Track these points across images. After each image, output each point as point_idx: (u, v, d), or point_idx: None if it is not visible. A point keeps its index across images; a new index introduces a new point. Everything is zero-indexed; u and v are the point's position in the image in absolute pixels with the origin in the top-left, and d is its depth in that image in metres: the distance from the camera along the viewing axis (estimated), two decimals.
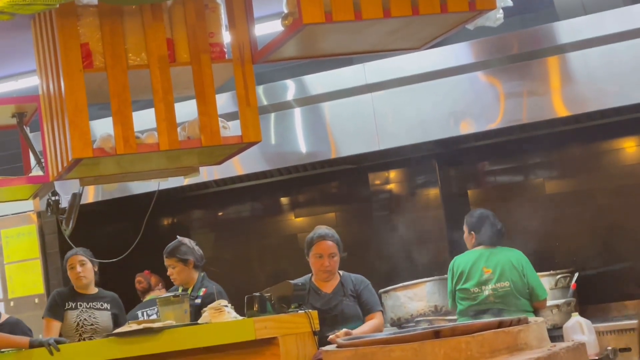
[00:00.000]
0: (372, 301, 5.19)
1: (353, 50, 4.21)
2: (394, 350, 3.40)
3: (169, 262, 5.86)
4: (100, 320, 5.76)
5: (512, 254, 5.68)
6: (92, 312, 5.78)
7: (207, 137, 4.12)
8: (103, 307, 5.85)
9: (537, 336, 3.59)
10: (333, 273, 5.19)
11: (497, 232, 5.75)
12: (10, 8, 3.14)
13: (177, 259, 5.86)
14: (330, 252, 5.14)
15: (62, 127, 4.10)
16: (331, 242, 5.17)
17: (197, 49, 4.12)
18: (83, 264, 5.86)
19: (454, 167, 6.88)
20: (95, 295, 5.88)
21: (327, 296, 5.15)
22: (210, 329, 4.07)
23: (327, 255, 5.14)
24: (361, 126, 6.42)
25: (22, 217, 7.47)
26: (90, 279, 5.89)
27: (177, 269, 5.83)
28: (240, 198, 7.71)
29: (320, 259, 5.15)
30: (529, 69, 6.08)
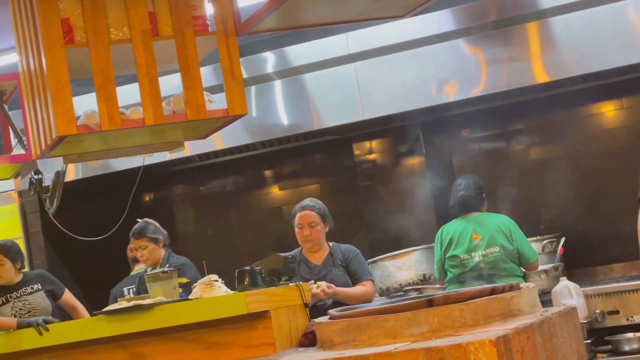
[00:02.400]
0: (361, 270, 5.22)
1: (337, 20, 4.17)
2: (388, 320, 3.41)
3: (140, 243, 5.84)
4: (35, 304, 5.67)
5: (500, 220, 5.70)
6: (24, 298, 5.68)
7: (192, 111, 4.07)
8: (34, 289, 5.74)
9: (529, 302, 3.61)
10: (317, 243, 5.20)
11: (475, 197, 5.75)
12: None
13: (148, 238, 5.87)
14: (310, 221, 5.17)
15: (45, 104, 4.04)
16: (312, 211, 5.18)
17: (180, 22, 4.06)
18: (1, 264, 5.69)
19: (438, 135, 6.88)
20: (21, 282, 5.73)
21: (317, 268, 5.16)
22: (201, 304, 4.05)
23: (307, 225, 5.16)
24: (344, 96, 6.40)
25: (3, 196, 7.41)
26: (8, 277, 5.73)
27: (148, 249, 5.83)
28: (224, 172, 7.69)
29: (302, 229, 5.18)
30: (511, 35, 6.07)
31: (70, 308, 5.84)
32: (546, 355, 3.36)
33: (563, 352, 3.54)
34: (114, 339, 4.21)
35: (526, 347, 3.19)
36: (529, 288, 3.68)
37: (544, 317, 3.48)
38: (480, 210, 5.79)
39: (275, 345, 3.98)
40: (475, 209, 5.76)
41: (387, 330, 3.38)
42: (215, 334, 4.05)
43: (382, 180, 6.98)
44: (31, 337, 4.36)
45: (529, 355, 3.20)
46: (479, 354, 3.01)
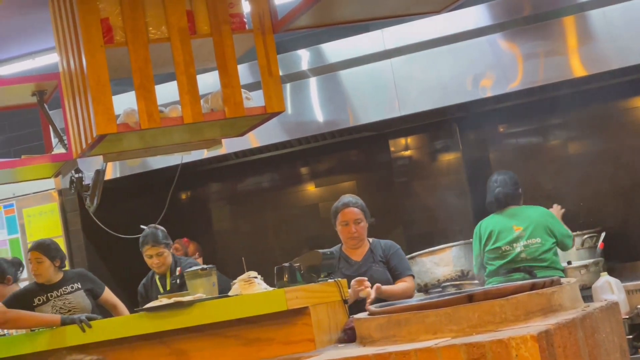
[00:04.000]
0: (402, 266, 5.18)
1: (375, 16, 4.18)
2: (428, 315, 3.40)
3: (157, 250, 5.74)
4: (75, 303, 5.71)
5: (539, 211, 5.70)
6: (64, 297, 5.71)
7: (230, 108, 4.10)
8: (74, 289, 5.76)
9: (570, 297, 3.59)
10: (361, 239, 5.18)
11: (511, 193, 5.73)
12: None
13: (164, 245, 5.78)
14: (355, 218, 5.13)
15: (85, 103, 4.08)
16: (355, 208, 5.15)
17: (217, 20, 4.09)
18: (39, 262, 5.73)
19: (474, 131, 6.84)
20: (61, 281, 5.76)
21: (357, 264, 5.15)
22: (241, 300, 4.07)
23: (352, 222, 5.13)
24: (380, 93, 6.39)
25: (43, 195, 7.48)
26: (47, 276, 5.77)
27: (164, 255, 5.76)
28: (260, 169, 7.71)
29: (347, 226, 5.14)
30: (547, 29, 6.03)
31: (110, 306, 5.89)
32: (588, 351, 3.34)
33: (605, 348, 3.52)
34: (155, 335, 4.25)
35: (568, 343, 3.18)
36: (570, 283, 3.66)
37: (586, 313, 3.46)
38: (517, 203, 5.77)
39: (314, 341, 3.99)
40: (513, 204, 5.74)
41: (428, 325, 3.38)
42: (255, 330, 4.08)
43: (418, 176, 6.96)
44: (74, 333, 4.41)
45: (571, 351, 3.18)
46: (520, 349, 3.00)
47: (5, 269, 5.99)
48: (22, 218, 7.53)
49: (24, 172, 5.20)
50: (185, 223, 6.58)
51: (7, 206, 7.57)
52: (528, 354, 2.99)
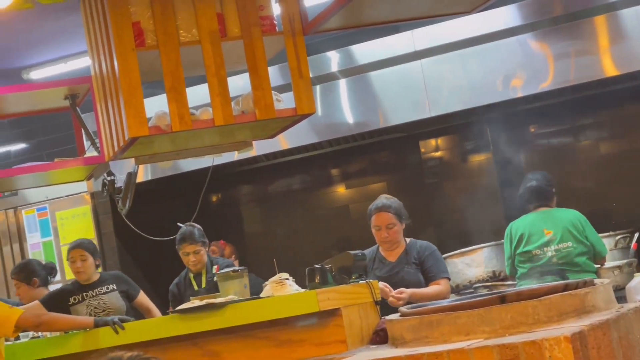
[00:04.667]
0: (437, 268, 5.11)
1: (404, 17, 4.17)
2: (460, 316, 3.39)
3: (195, 248, 5.79)
4: (110, 303, 5.74)
5: (571, 214, 5.62)
6: (100, 298, 5.75)
7: (261, 110, 4.11)
8: (109, 289, 5.80)
9: (604, 298, 3.56)
10: (394, 243, 5.16)
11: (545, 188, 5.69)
12: None
13: (201, 243, 5.83)
14: (388, 223, 5.11)
15: (117, 106, 4.11)
16: (388, 212, 5.11)
17: (247, 23, 4.11)
18: (84, 260, 5.78)
19: (505, 131, 6.80)
20: (98, 281, 5.79)
21: (391, 264, 5.14)
22: (273, 302, 4.08)
23: (384, 227, 5.11)
24: (411, 94, 6.38)
25: (75, 198, 7.54)
26: (89, 273, 5.82)
27: (200, 253, 5.81)
28: (290, 171, 7.72)
29: (379, 230, 5.13)
30: (578, 28, 5.99)
31: (144, 309, 5.92)
32: (622, 352, 3.31)
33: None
34: (188, 337, 4.27)
35: (602, 344, 3.15)
36: (603, 284, 3.63)
37: (619, 314, 3.43)
38: (549, 204, 5.71)
39: (346, 342, 3.99)
40: (545, 200, 5.68)
41: (460, 326, 3.37)
42: (287, 331, 4.08)
43: (448, 177, 6.94)
44: (107, 335, 4.44)
45: (605, 352, 3.16)
46: (554, 350, 2.98)
47: (35, 270, 6.04)
48: (55, 221, 7.59)
49: (56, 175, 5.24)
50: (217, 225, 6.60)
51: (40, 209, 7.64)
52: (561, 355, 2.97)
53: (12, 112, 5.38)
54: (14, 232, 7.71)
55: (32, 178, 5.20)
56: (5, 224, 7.74)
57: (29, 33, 5.79)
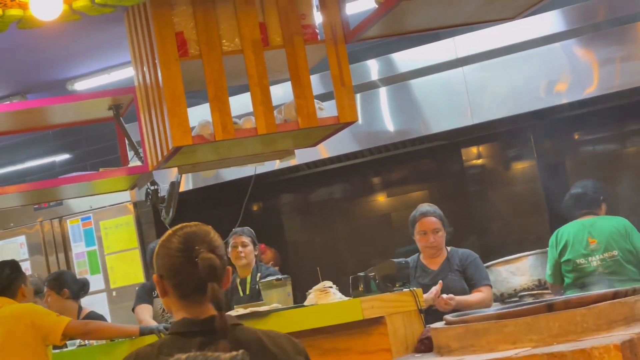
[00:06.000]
0: (479, 275, 5.13)
1: (447, 24, 4.15)
2: (507, 325, 3.35)
3: (242, 239, 5.97)
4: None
5: (617, 222, 5.53)
6: None
7: (304, 119, 4.11)
8: None
9: None
10: (439, 248, 5.15)
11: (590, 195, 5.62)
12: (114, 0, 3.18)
13: (251, 238, 6.01)
14: (434, 227, 5.12)
15: (161, 116, 4.14)
16: (434, 217, 5.13)
17: (289, 32, 4.11)
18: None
19: (549, 138, 6.75)
20: None
21: (434, 273, 5.12)
22: (317, 310, 4.07)
23: (430, 231, 5.12)
24: (452, 101, 6.35)
25: (119, 208, 7.60)
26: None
27: (248, 248, 5.96)
28: (332, 180, 7.72)
29: (425, 235, 5.13)
30: (623, 33, 5.94)
31: None
32: None
33: None
34: None
35: None
36: None
37: None
38: (596, 211, 5.63)
39: (391, 351, 3.97)
40: (591, 208, 5.60)
41: (507, 335, 3.33)
42: (332, 340, 4.07)
43: (491, 185, 6.89)
44: None
45: None
46: (604, 359, 2.93)
47: (67, 281, 5.90)
48: (99, 230, 7.66)
49: (101, 185, 5.28)
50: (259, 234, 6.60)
51: (84, 219, 7.71)
52: None
53: (57, 123, 5.43)
54: (59, 241, 7.79)
55: (77, 188, 5.24)
56: (51, 234, 7.83)
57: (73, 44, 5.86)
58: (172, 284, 2.39)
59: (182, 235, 2.39)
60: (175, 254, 2.37)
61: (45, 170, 8.49)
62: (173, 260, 2.37)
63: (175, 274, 2.38)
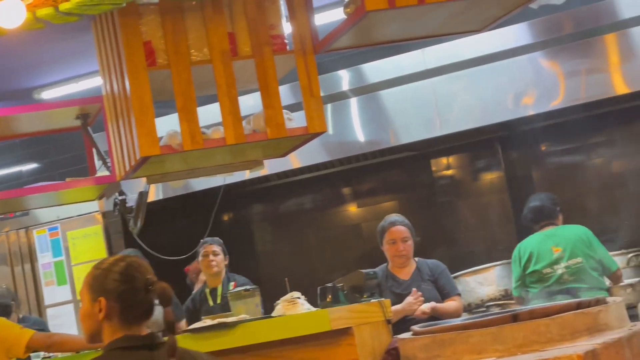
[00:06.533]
0: (450, 285, 5.24)
1: (415, 36, 4.17)
2: (472, 335, 3.38)
3: (214, 248, 5.97)
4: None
5: (579, 230, 5.64)
6: None
7: (272, 129, 4.11)
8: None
9: (617, 316, 3.54)
10: (408, 258, 5.21)
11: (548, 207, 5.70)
12: (79, 9, 3.17)
13: (222, 249, 6.01)
14: (403, 236, 5.19)
15: (128, 126, 4.12)
16: (403, 227, 5.21)
17: (258, 42, 4.12)
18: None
19: (517, 150, 6.80)
20: None
21: (406, 282, 5.18)
22: (285, 321, 4.07)
23: (400, 240, 5.18)
24: (422, 112, 6.38)
25: (87, 218, 7.56)
26: None
27: (219, 257, 5.96)
28: (302, 190, 7.72)
29: (394, 244, 5.18)
30: (589, 46, 6.00)
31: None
32: None
33: None
34: None
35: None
36: (616, 302, 3.61)
37: (632, 332, 3.41)
38: (555, 222, 5.73)
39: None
40: (550, 219, 5.69)
41: (472, 345, 3.35)
42: (299, 351, 4.06)
43: (460, 196, 6.93)
44: None
45: None
46: None
47: None
48: (66, 241, 7.61)
49: (68, 194, 5.25)
50: (228, 244, 6.59)
51: (51, 229, 7.66)
52: None
53: (24, 132, 5.39)
54: (26, 252, 7.73)
55: (44, 198, 5.21)
56: (17, 244, 7.76)
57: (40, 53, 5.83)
58: (121, 308, 2.58)
59: (132, 263, 2.62)
60: (128, 280, 2.58)
61: (12, 180, 8.43)
62: (125, 287, 2.58)
63: (126, 299, 2.58)
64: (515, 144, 6.75)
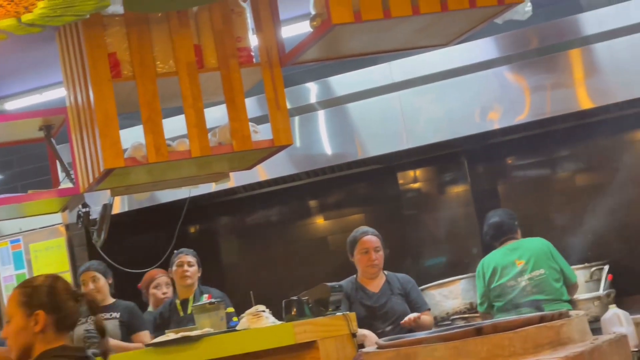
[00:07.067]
0: (421, 300, 5.33)
1: (381, 49, 4.19)
2: (436, 349, 3.37)
3: (188, 259, 5.94)
4: None
5: (540, 242, 5.71)
6: None
7: (238, 142, 4.10)
8: (112, 317, 5.82)
9: (579, 330, 3.55)
10: (380, 268, 5.25)
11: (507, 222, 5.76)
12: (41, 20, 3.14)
13: (196, 259, 6.01)
14: (375, 245, 5.23)
15: (92, 137, 4.09)
16: (374, 237, 5.24)
17: (224, 54, 4.11)
18: (96, 280, 5.86)
19: (482, 163, 6.84)
20: (108, 306, 5.85)
21: (376, 295, 5.20)
22: (249, 334, 4.06)
23: (372, 249, 5.21)
24: (388, 125, 6.40)
25: (50, 230, 7.48)
26: (104, 293, 5.88)
27: (194, 268, 5.92)
28: (269, 203, 7.70)
29: (367, 254, 5.21)
30: (554, 61, 6.05)
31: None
32: None
33: None
34: None
35: None
36: (578, 316, 3.62)
37: (594, 345, 3.43)
38: (515, 236, 5.79)
39: None
40: (510, 234, 5.75)
41: (436, 359, 3.35)
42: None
43: (427, 209, 6.95)
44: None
45: None
46: None
47: None
48: (28, 253, 7.52)
49: (31, 207, 5.20)
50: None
51: (13, 241, 7.57)
52: None
53: None
54: None
55: (6, 210, 5.16)
56: None
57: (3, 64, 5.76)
58: (56, 319, 2.89)
59: (57, 277, 2.99)
60: (59, 292, 2.91)
61: None
62: (58, 298, 2.91)
63: (60, 310, 2.90)
64: (481, 157, 6.79)
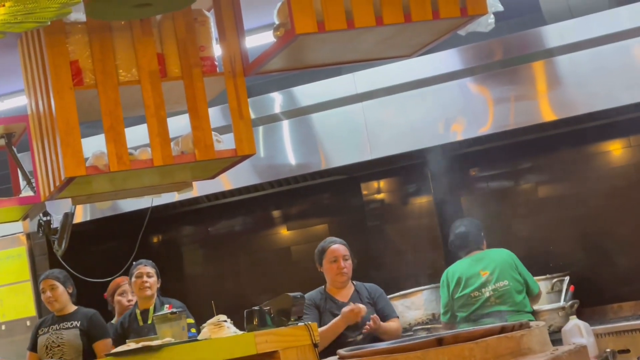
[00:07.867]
0: (390, 308, 5.37)
1: (345, 60, 4.19)
2: (397, 359, 3.38)
3: (148, 270, 5.91)
4: (66, 340, 5.73)
5: (505, 253, 5.76)
6: (60, 332, 5.75)
7: (201, 151, 4.09)
8: (72, 326, 5.81)
9: (539, 340, 3.58)
10: (349, 277, 5.29)
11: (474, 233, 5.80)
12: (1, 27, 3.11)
13: (155, 270, 5.97)
14: (344, 254, 5.27)
15: (53, 146, 4.06)
16: (343, 246, 5.27)
17: (188, 63, 4.09)
18: (54, 288, 5.85)
19: (446, 174, 6.87)
20: (68, 315, 5.86)
21: (345, 304, 5.21)
22: (210, 344, 4.04)
23: (341, 257, 5.25)
24: (352, 136, 6.41)
25: (11, 239, 7.41)
26: (62, 302, 5.86)
27: (153, 279, 5.91)
28: (232, 212, 7.69)
29: (335, 262, 5.25)
30: (517, 73, 6.10)
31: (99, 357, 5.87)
32: None
33: None
34: None
35: None
36: (539, 326, 3.65)
37: (554, 356, 3.45)
38: (481, 246, 5.83)
39: None
40: (475, 245, 5.79)
41: None
42: None
43: (390, 220, 6.97)
44: None
45: None
46: None
47: None
48: None
49: None
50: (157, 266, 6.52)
51: None
52: None
53: None
54: None
55: None
56: None
57: None
58: None
59: None
60: None
61: None
62: None
63: None
64: (444, 168, 6.82)
